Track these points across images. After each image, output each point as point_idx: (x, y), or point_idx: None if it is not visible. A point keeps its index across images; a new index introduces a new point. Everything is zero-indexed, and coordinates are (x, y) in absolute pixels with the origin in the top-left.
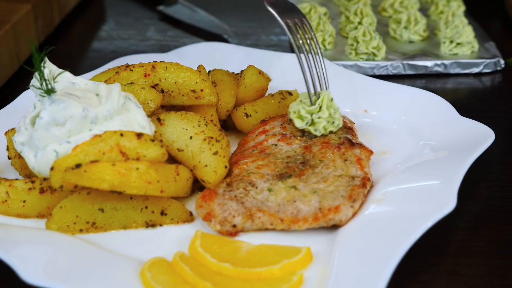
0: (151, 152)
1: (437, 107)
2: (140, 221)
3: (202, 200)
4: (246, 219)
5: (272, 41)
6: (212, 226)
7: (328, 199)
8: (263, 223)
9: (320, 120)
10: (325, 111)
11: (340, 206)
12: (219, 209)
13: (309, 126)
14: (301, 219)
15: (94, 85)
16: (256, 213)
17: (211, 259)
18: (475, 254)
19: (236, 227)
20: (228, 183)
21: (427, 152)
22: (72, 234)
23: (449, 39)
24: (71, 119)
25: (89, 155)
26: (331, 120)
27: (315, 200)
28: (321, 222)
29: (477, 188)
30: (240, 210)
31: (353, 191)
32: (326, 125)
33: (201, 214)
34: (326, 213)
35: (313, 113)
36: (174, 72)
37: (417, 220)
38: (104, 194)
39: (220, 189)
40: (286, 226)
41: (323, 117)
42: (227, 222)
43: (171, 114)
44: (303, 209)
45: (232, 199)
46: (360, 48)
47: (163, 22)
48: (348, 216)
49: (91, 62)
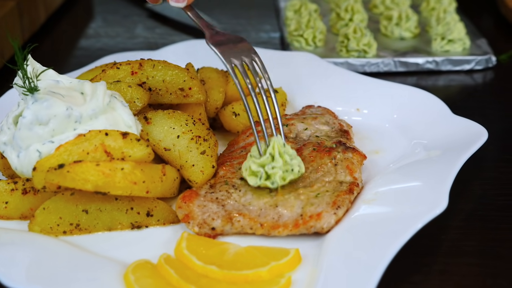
0: (137, 151)
1: (429, 105)
2: (126, 223)
3: (181, 201)
4: (226, 222)
5: (262, 38)
6: (190, 227)
7: (311, 205)
8: (243, 227)
9: (274, 170)
10: (278, 160)
11: (322, 213)
12: (198, 210)
13: (264, 181)
14: (281, 225)
15: (79, 84)
16: (236, 217)
17: (197, 262)
18: (467, 254)
19: (215, 230)
20: (211, 184)
21: (419, 151)
22: (55, 236)
23: (441, 36)
24: (55, 118)
25: (73, 155)
26: (288, 167)
27: (298, 206)
28: (302, 229)
29: (470, 186)
30: (220, 212)
31: (338, 198)
32: (283, 174)
33: (180, 215)
34: (307, 220)
35: (265, 164)
36: (162, 70)
37: (408, 221)
38: (88, 195)
39: (202, 190)
40: (265, 232)
41: (277, 166)
42: (206, 224)
43: (158, 112)
44: (284, 214)
45: (213, 201)
46: (350, 45)
47: (151, 19)
48: (330, 223)
49: (78, 60)
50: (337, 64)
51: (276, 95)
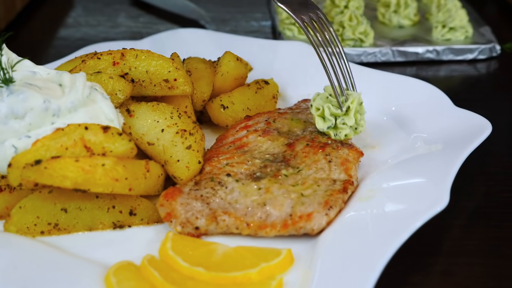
0: (119, 146)
1: (430, 97)
2: (107, 222)
3: (164, 198)
4: (210, 222)
5: (253, 27)
6: (172, 227)
7: (301, 205)
8: (228, 226)
9: (344, 126)
10: (351, 118)
11: (313, 214)
12: (181, 209)
13: (331, 130)
14: (269, 225)
15: (57, 75)
16: (221, 215)
17: (183, 263)
18: (470, 253)
19: (199, 229)
20: (196, 181)
21: (419, 145)
22: (32, 237)
23: (442, 24)
24: (31, 111)
25: (51, 150)
26: (355, 126)
27: (287, 205)
28: (291, 230)
29: (473, 182)
30: (205, 211)
31: (331, 197)
32: (349, 132)
33: (162, 214)
34: (297, 221)
35: (338, 116)
36: (145, 60)
37: (406, 219)
38: (67, 193)
39: (186, 187)
40: (252, 232)
41: (348, 124)
42: (189, 223)
43: (142, 105)
44: (272, 214)
45: (197, 199)
46: (346, 34)
47: (134, 7)
48: (321, 225)
49: (57, 51)
50: None
51: (270, 85)
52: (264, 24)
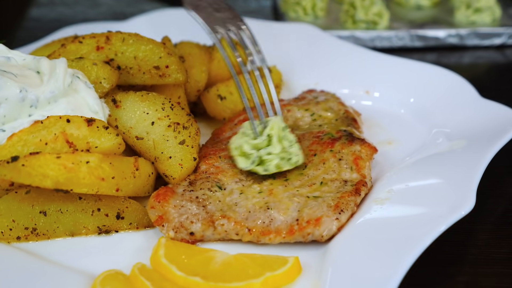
0: (105, 142)
1: (452, 87)
2: (92, 227)
3: (155, 199)
4: (207, 226)
5: (251, 6)
6: (164, 232)
7: (309, 209)
8: (227, 232)
9: (271, 157)
10: (276, 145)
11: (322, 218)
12: (174, 212)
13: (256, 166)
14: (273, 230)
15: (34, 61)
16: (219, 220)
17: (178, 272)
18: (498, 262)
19: (194, 235)
20: (191, 181)
21: (441, 141)
22: (7, 243)
23: (466, 4)
24: (6, 102)
25: (29, 145)
26: (286, 156)
27: (293, 209)
28: (297, 236)
29: (501, 183)
30: (201, 214)
31: (341, 200)
32: (279, 163)
33: (153, 217)
34: (304, 226)
35: (260, 148)
36: (133, 44)
37: (427, 224)
38: (46, 194)
39: (180, 188)
40: (254, 238)
41: (274, 153)
42: (183, 228)
43: (130, 94)
44: (277, 218)
45: (192, 201)
46: (358, 15)
47: None
48: (331, 230)
49: (29, 33)
50: (342, 38)
51: (272, 73)
52: (264, 4)
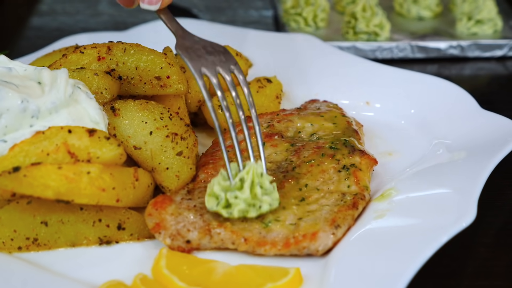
0: (106, 152)
1: (453, 98)
2: (93, 237)
3: (152, 207)
4: (203, 235)
5: (252, 17)
6: (161, 239)
7: (306, 222)
8: (223, 241)
9: (236, 201)
10: (245, 190)
11: (318, 233)
12: (172, 219)
13: (221, 208)
14: (269, 242)
15: (35, 71)
16: (215, 228)
17: (179, 283)
18: (497, 276)
19: (190, 243)
20: (189, 189)
21: (441, 152)
22: (8, 253)
23: (467, 16)
24: (8, 112)
25: (30, 156)
26: (255, 203)
27: (290, 221)
28: (293, 250)
29: (501, 195)
30: (198, 223)
31: (338, 214)
32: (244, 208)
33: (150, 224)
34: (300, 240)
35: (228, 190)
36: (135, 55)
37: (428, 236)
38: (48, 204)
39: (178, 196)
40: (250, 248)
41: (241, 198)
42: (179, 236)
43: (128, 103)
44: (273, 229)
45: (189, 210)
46: (359, 26)
47: None
48: (327, 245)
49: (30, 43)
50: (343, 49)
51: (273, 84)
52: (266, 14)
